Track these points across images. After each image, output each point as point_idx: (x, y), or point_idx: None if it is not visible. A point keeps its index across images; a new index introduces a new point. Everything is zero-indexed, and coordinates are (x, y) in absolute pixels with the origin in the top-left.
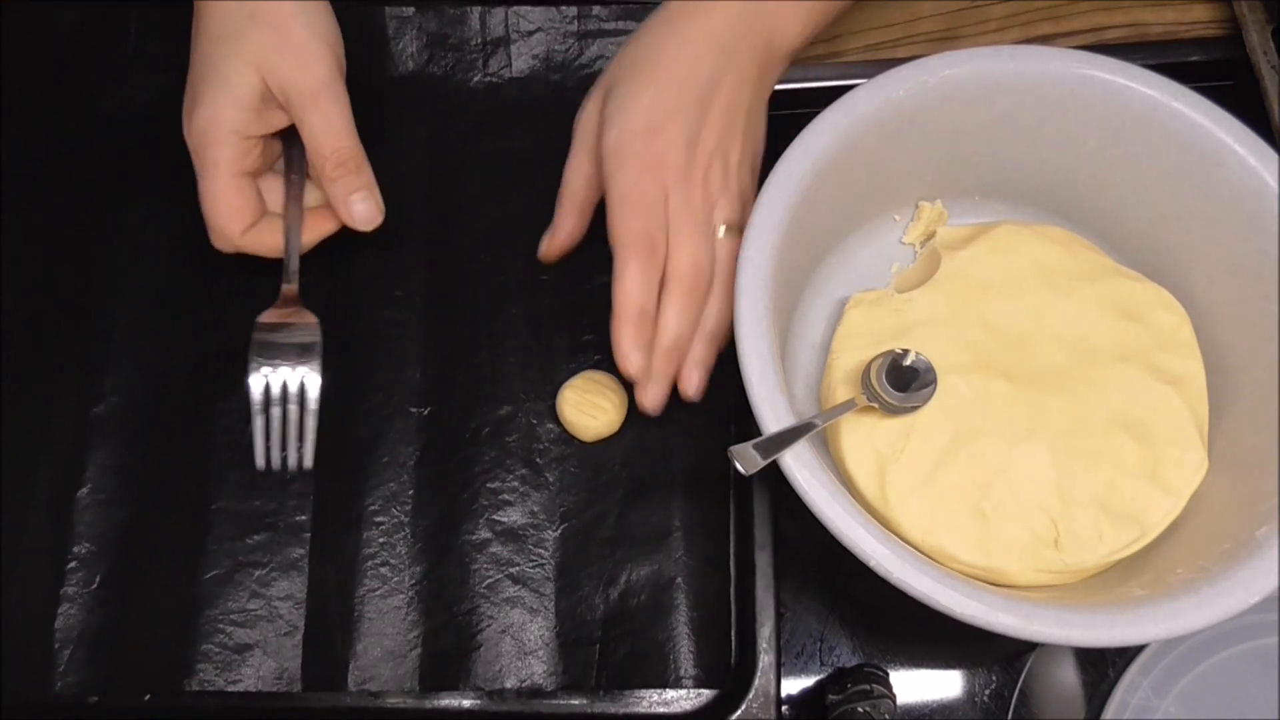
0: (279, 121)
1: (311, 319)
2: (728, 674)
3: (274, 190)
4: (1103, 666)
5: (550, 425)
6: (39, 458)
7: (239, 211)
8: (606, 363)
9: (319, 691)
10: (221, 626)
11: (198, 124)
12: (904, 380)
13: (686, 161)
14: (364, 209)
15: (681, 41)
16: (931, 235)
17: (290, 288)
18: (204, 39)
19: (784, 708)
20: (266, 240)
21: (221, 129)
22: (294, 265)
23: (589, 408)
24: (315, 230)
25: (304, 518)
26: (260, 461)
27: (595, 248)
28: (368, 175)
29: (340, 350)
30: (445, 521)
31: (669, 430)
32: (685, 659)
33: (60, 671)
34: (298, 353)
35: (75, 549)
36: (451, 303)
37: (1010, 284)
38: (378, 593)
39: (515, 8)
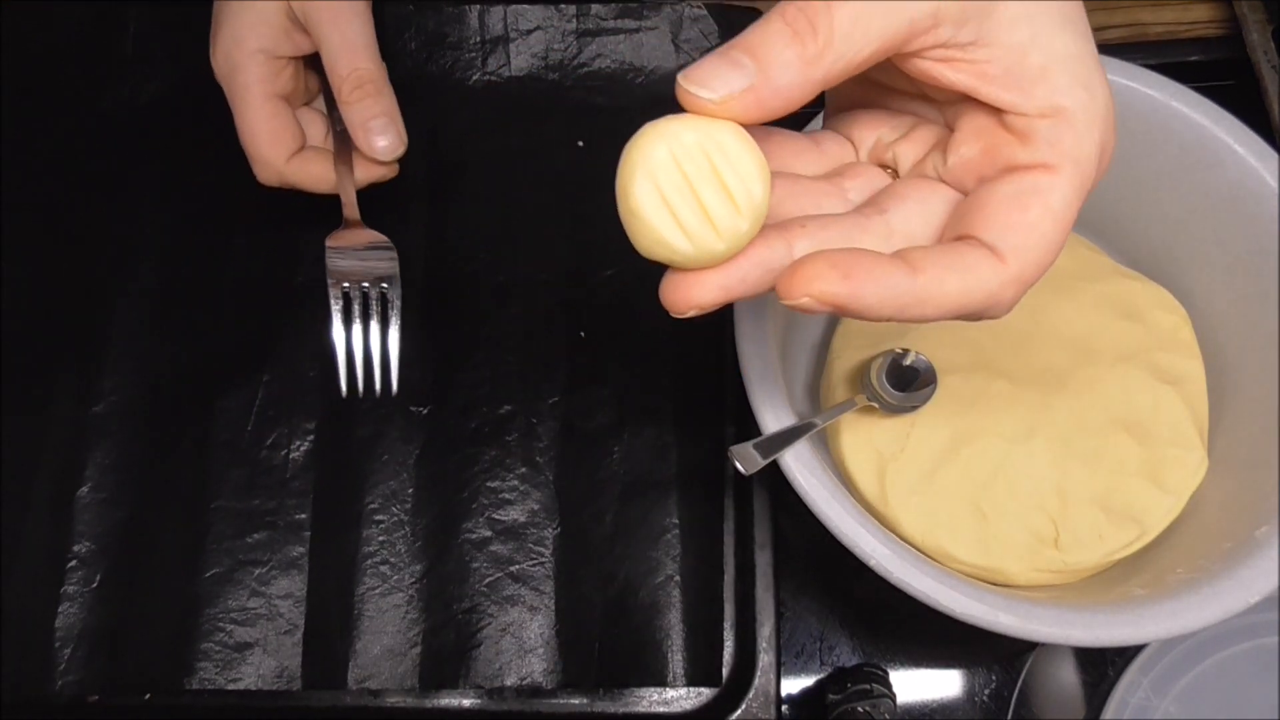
0: (307, 45)
1: (382, 237)
2: (727, 673)
3: (317, 126)
4: (1103, 666)
5: (550, 424)
6: (39, 457)
7: (279, 135)
8: (607, 362)
9: (319, 690)
10: (221, 625)
11: (222, 46)
12: (904, 380)
13: None
14: (385, 139)
15: None
16: None
17: (354, 216)
18: None
19: (784, 707)
20: (313, 169)
21: (247, 48)
22: (351, 195)
23: (688, 206)
24: (367, 170)
25: (304, 516)
26: (344, 388)
27: (596, 246)
28: (389, 101)
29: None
30: (445, 520)
31: (668, 429)
32: (685, 658)
33: (60, 670)
34: (375, 272)
35: (75, 548)
36: (451, 302)
37: None
38: (378, 591)
39: (514, 6)
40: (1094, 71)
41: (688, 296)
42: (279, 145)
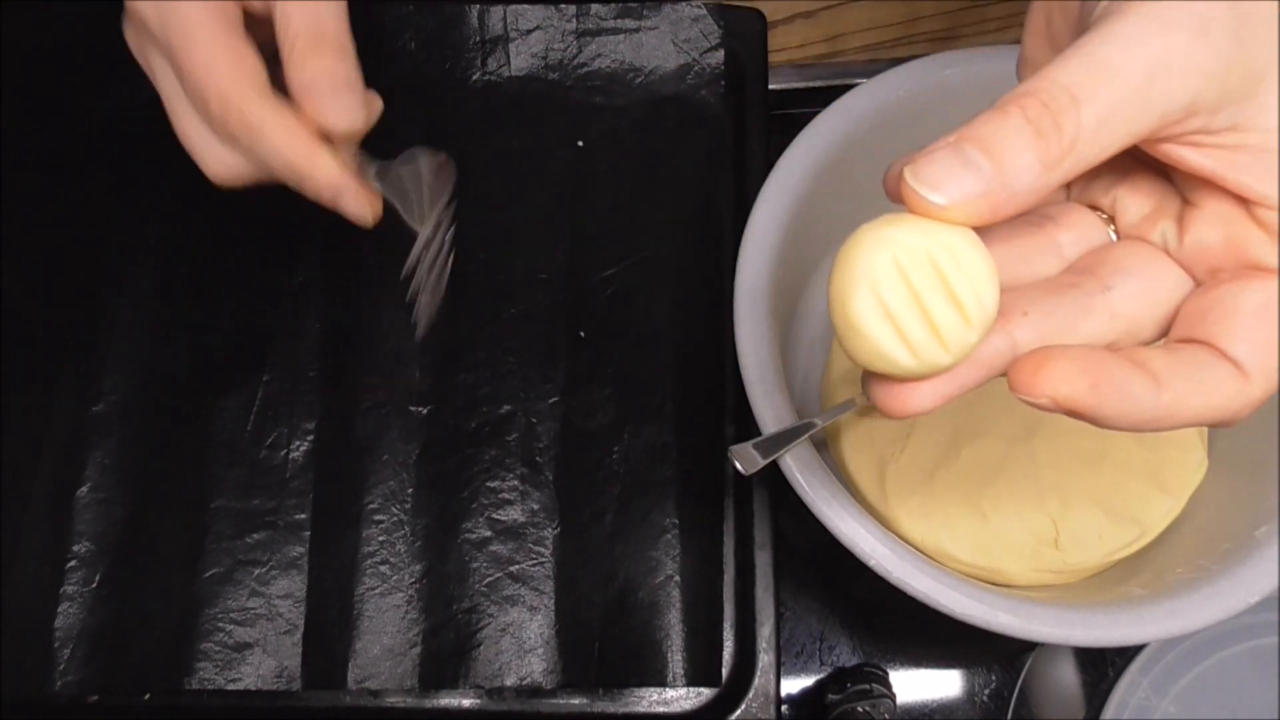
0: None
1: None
2: (727, 673)
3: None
4: (1103, 666)
5: (550, 424)
6: (39, 457)
7: (242, 61)
8: (607, 362)
9: (319, 690)
10: (221, 625)
11: None
12: None
13: None
14: (340, 104)
15: None
16: None
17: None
18: None
19: (784, 707)
20: (288, 118)
21: None
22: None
23: (914, 319)
24: (374, 105)
25: (303, 516)
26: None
27: (596, 246)
28: (349, 66)
29: (340, 350)
30: (445, 520)
31: (668, 429)
32: (685, 658)
33: (60, 670)
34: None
35: (75, 548)
36: (451, 302)
37: None
38: (377, 591)
39: (514, 6)
40: None
41: (905, 405)
42: (244, 69)
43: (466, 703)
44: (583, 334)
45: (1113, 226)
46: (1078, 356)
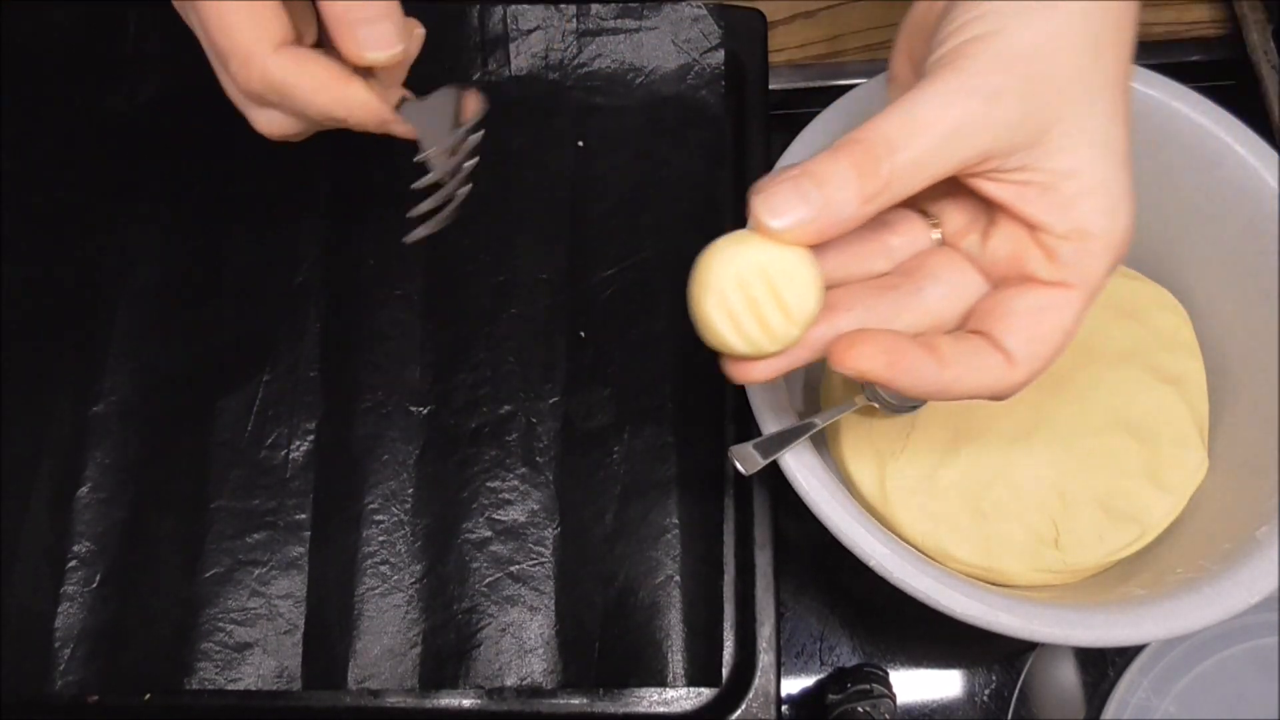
0: None
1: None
2: (727, 673)
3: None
4: (1103, 666)
5: (550, 424)
6: (39, 457)
7: (258, 18)
8: (607, 362)
9: (319, 690)
10: (221, 625)
11: None
12: None
13: None
14: (374, 33)
15: None
16: None
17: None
18: None
19: (784, 707)
20: (311, 67)
21: None
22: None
23: (750, 318)
24: (415, 33)
25: (304, 516)
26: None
27: (596, 246)
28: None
29: (340, 350)
30: (445, 520)
31: (668, 429)
32: (685, 658)
33: (60, 670)
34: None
35: (75, 548)
36: (451, 303)
37: None
38: (377, 591)
39: (514, 6)
40: (1121, 197)
41: (746, 375)
42: (263, 27)
43: (466, 703)
44: (583, 334)
45: (939, 232)
46: (880, 339)
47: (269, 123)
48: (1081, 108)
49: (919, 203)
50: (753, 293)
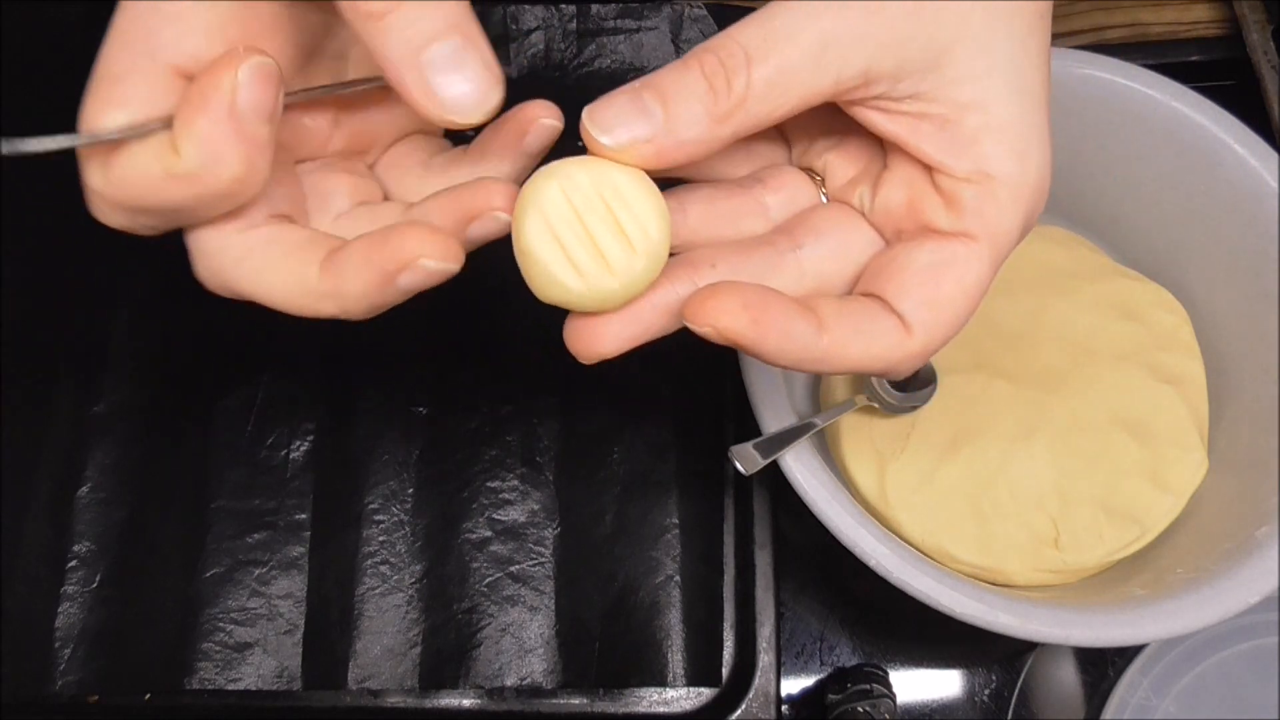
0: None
1: None
2: (727, 673)
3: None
4: (1103, 666)
5: (550, 424)
6: (39, 457)
7: (255, 136)
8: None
9: (319, 690)
10: (221, 625)
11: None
12: (904, 380)
13: None
14: (460, 78)
15: None
16: None
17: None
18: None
19: (784, 707)
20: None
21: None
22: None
23: (582, 246)
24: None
25: (304, 516)
26: None
27: None
28: (464, 13)
29: (340, 350)
30: (445, 520)
31: (668, 429)
32: (685, 658)
33: (60, 670)
34: None
35: (75, 548)
36: (451, 302)
37: (1010, 284)
38: (377, 591)
39: (514, 6)
40: (1032, 140)
41: (590, 345)
42: (254, 150)
43: (466, 703)
44: None
45: (824, 190)
46: (745, 293)
47: (121, 222)
48: (986, 32)
49: (800, 156)
50: (586, 220)
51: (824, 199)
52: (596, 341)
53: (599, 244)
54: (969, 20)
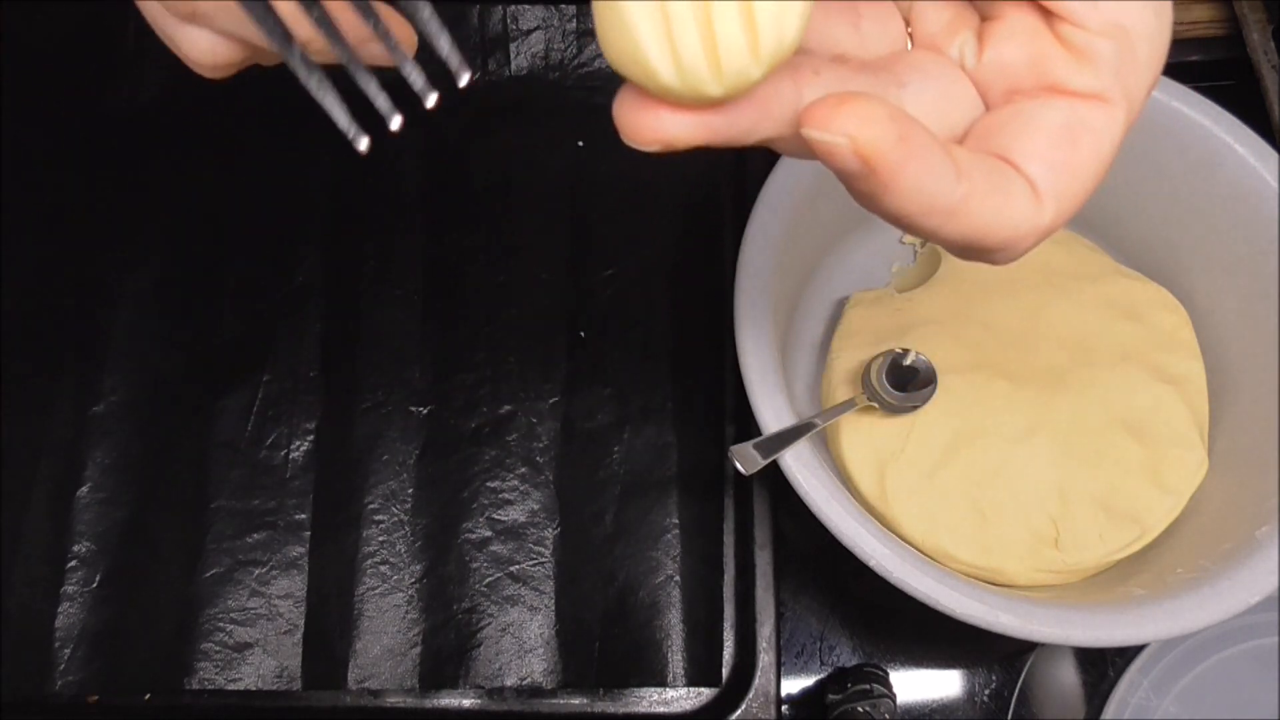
0: None
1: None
2: (727, 673)
3: None
4: (1103, 666)
5: (550, 424)
6: (39, 457)
7: None
8: (607, 362)
9: (319, 690)
10: (221, 625)
11: None
12: (904, 380)
13: None
14: None
15: None
16: None
17: None
18: None
19: (784, 707)
20: None
21: None
22: None
23: (692, 30)
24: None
25: (303, 516)
26: (353, 127)
27: (596, 246)
28: None
29: (340, 350)
30: (445, 520)
31: (668, 429)
32: (685, 658)
33: (60, 670)
34: None
35: (75, 547)
36: (451, 303)
37: (1010, 284)
38: (377, 591)
39: (514, 6)
40: None
41: (656, 126)
42: None
43: (466, 703)
44: (583, 334)
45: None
46: (891, 107)
47: (196, 48)
48: None
49: None
50: None
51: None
52: (662, 130)
53: (716, 29)
54: None
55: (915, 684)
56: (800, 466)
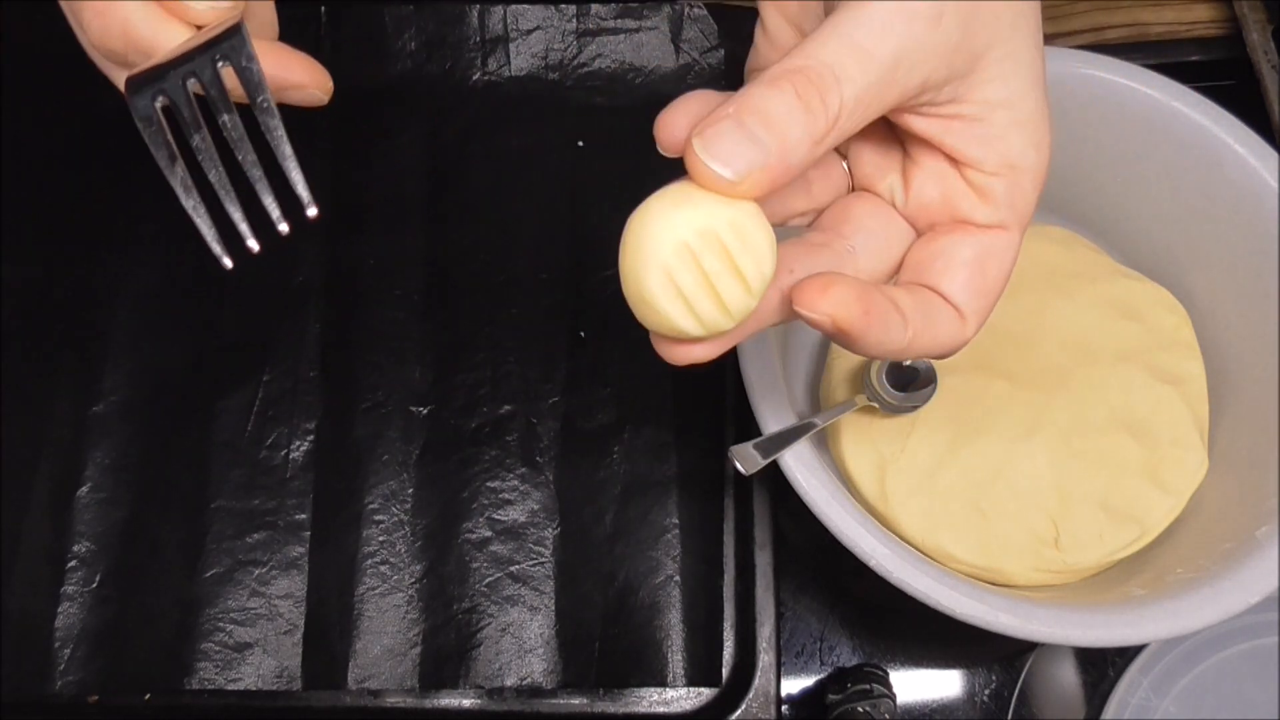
0: None
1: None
2: (727, 673)
3: None
4: (1103, 666)
5: (550, 424)
6: (39, 457)
7: None
8: (607, 362)
9: (319, 690)
10: (221, 625)
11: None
12: (904, 380)
13: None
14: None
15: None
16: None
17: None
18: None
19: (784, 707)
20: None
21: None
22: None
23: (703, 294)
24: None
25: (303, 516)
26: (218, 246)
27: (596, 246)
28: None
29: (340, 350)
30: (445, 520)
31: (668, 429)
32: (685, 658)
33: (60, 670)
34: (206, 48)
35: (75, 548)
36: (451, 303)
37: (1010, 284)
38: (377, 591)
39: (514, 6)
40: (1044, 129)
41: (689, 356)
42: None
43: (466, 703)
44: (583, 334)
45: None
46: (854, 285)
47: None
48: (1010, 31)
49: None
50: (705, 264)
51: (844, 167)
52: (691, 355)
53: (717, 287)
54: (1000, 22)
55: (915, 684)
56: (800, 466)
